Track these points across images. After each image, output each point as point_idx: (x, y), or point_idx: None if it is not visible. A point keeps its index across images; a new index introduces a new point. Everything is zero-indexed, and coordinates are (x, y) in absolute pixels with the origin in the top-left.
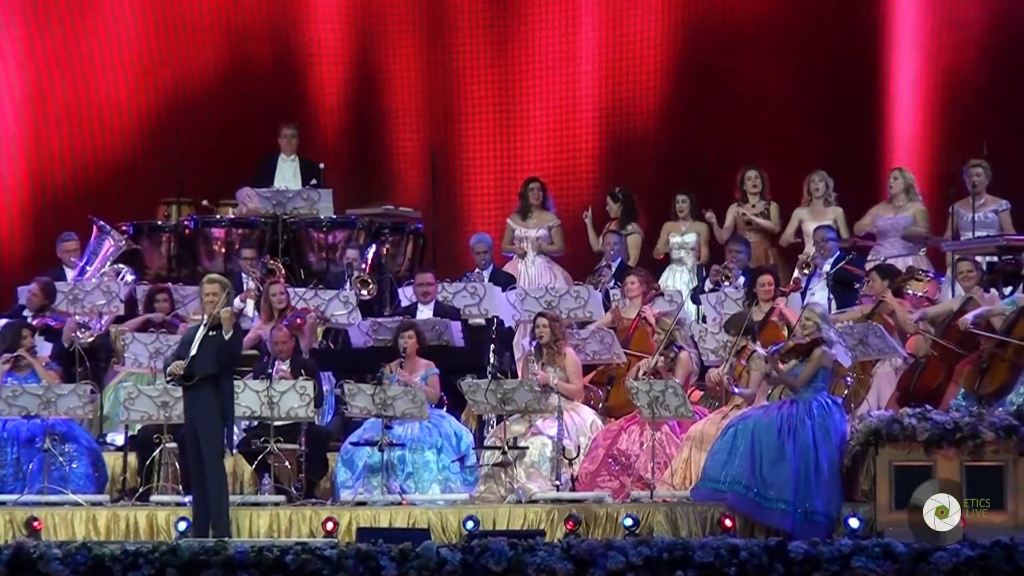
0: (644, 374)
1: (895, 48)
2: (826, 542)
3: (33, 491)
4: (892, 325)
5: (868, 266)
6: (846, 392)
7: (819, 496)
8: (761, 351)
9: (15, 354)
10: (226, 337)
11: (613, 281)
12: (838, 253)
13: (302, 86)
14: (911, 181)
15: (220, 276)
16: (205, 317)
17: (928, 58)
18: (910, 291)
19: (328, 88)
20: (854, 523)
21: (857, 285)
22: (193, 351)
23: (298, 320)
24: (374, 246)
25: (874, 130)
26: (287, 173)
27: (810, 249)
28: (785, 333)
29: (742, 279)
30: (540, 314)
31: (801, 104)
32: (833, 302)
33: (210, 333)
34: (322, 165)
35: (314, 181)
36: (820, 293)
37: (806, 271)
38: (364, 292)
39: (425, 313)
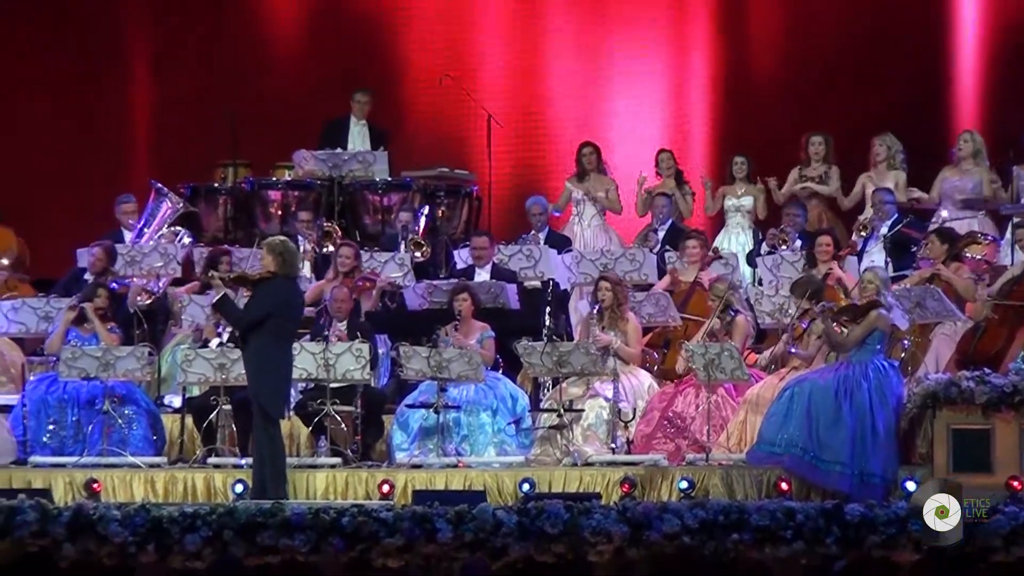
0: (702, 338)
1: (958, 8)
2: (883, 505)
3: (93, 453)
4: (952, 288)
5: (931, 229)
6: (903, 355)
7: (876, 458)
8: (816, 308)
9: (81, 304)
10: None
11: (664, 244)
12: (896, 216)
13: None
14: (980, 145)
15: (274, 238)
16: None
17: (990, 19)
18: (969, 254)
19: (398, 51)
20: (911, 486)
21: (914, 248)
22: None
23: (360, 283)
24: (427, 208)
25: (938, 92)
26: (356, 137)
27: (868, 212)
28: (842, 296)
29: (799, 242)
30: (602, 277)
31: (870, 67)
32: (890, 265)
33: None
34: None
35: (382, 148)
36: (877, 256)
37: (863, 233)
38: (418, 254)
39: (482, 276)
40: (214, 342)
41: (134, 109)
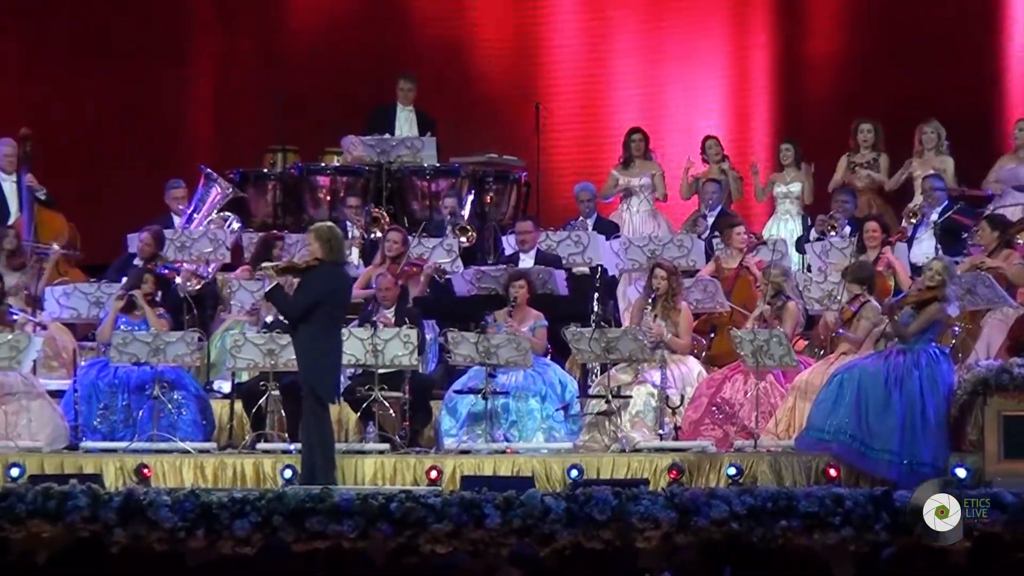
0: (752, 323)
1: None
2: None
3: (143, 438)
4: (1003, 275)
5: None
6: (954, 342)
7: (925, 446)
8: (875, 304)
9: (129, 291)
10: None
11: (712, 230)
12: (946, 202)
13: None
14: None
15: (320, 224)
16: None
17: None
18: (1020, 241)
19: (450, 37)
20: (961, 473)
21: (965, 235)
22: None
23: (406, 269)
24: (473, 192)
25: (993, 80)
26: (403, 124)
27: (918, 198)
28: (892, 283)
29: (848, 229)
30: (658, 264)
31: (914, 55)
32: (940, 251)
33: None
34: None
35: (429, 134)
36: (927, 242)
37: (913, 220)
38: (463, 239)
39: (526, 262)
40: (270, 317)
41: (184, 95)
